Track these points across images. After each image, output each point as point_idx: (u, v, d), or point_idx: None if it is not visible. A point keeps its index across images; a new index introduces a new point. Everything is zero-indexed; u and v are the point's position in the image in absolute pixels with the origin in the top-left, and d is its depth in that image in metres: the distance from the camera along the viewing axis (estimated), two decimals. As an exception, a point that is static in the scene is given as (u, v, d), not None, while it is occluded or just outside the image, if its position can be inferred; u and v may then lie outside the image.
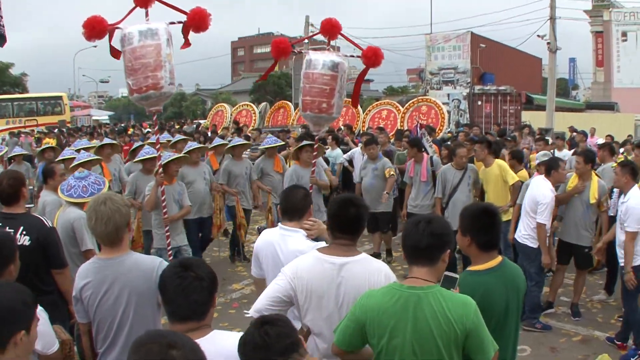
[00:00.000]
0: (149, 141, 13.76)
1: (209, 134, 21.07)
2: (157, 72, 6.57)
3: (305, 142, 10.44)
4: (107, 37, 6.70)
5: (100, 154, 10.54)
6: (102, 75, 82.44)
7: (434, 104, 25.47)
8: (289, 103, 30.92)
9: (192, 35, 6.87)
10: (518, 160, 10.37)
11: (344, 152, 14.55)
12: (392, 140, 15.37)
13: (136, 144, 13.42)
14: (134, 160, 10.57)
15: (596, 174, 8.76)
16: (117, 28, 6.66)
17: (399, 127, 22.37)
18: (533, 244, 8.07)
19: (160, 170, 7.84)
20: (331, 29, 7.36)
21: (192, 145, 10.48)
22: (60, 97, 45.31)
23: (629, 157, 10.98)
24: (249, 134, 18.47)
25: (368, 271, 3.87)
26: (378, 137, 12.92)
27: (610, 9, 47.17)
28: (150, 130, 30.18)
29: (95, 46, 60.67)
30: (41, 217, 5.61)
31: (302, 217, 4.74)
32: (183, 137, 13.29)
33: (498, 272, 3.88)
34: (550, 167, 8.24)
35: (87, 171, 6.77)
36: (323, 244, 4.32)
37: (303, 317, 3.97)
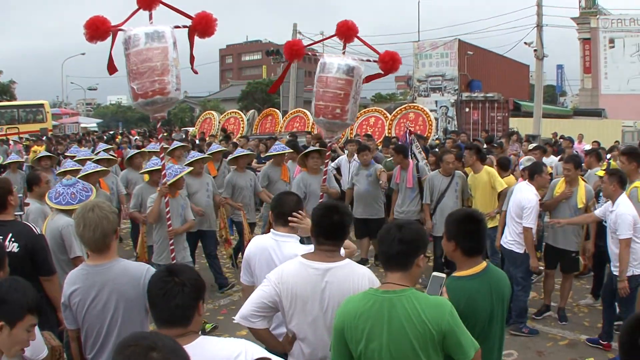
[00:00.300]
0: (149, 148, 13.56)
1: (197, 141, 21.03)
2: (164, 76, 6.27)
3: (311, 148, 10.17)
4: (101, 41, 6.27)
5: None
6: (90, 83, 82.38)
7: (421, 111, 25.49)
8: (277, 111, 30.88)
9: (185, 43, 6.71)
10: (503, 167, 10.44)
11: (332, 159, 14.54)
12: (379, 147, 15.43)
13: (131, 152, 13.15)
14: (141, 172, 10.31)
15: (582, 179, 8.84)
16: (120, 30, 6.32)
17: (386, 134, 22.43)
18: (519, 249, 8.12)
19: (165, 180, 7.53)
20: (347, 31, 6.99)
21: (194, 155, 10.19)
22: (42, 105, 44.56)
23: (615, 164, 11.04)
24: (237, 142, 18.43)
25: (352, 276, 3.91)
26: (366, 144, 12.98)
27: (597, 15, 47.58)
28: (138, 137, 30.14)
29: (83, 54, 60.84)
30: (30, 224, 5.63)
31: None
32: (182, 144, 13.07)
33: (483, 278, 3.90)
34: (534, 172, 8.31)
35: (74, 178, 6.76)
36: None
37: (288, 323, 4.00)
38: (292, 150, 12.20)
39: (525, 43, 33.39)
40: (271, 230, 4.84)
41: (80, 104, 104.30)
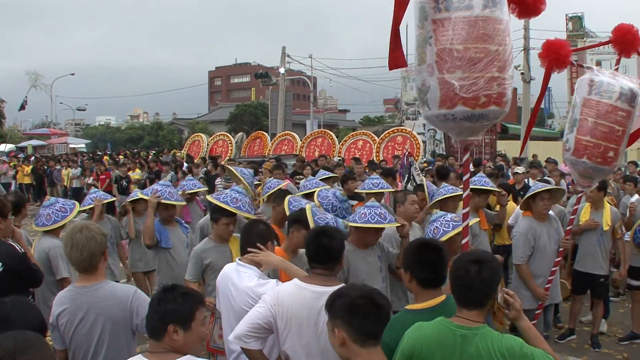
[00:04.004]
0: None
1: (184, 164, 20.94)
2: (504, 72, 4.04)
3: (542, 187, 7.25)
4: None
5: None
6: (79, 103, 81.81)
7: (409, 134, 25.66)
8: (265, 133, 31.05)
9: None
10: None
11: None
12: (367, 171, 15.44)
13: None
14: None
15: (607, 201, 8.76)
16: None
17: (373, 158, 22.53)
18: None
19: None
20: (632, 39, 5.50)
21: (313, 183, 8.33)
22: None
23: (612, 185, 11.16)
24: (225, 165, 18.34)
25: None
26: (354, 167, 13.07)
27: (584, 38, 47.91)
28: (124, 159, 29.45)
29: (72, 74, 60.63)
30: (14, 244, 5.62)
31: None
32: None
33: (437, 312, 3.57)
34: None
35: (53, 199, 6.86)
36: (272, 282, 4.40)
37: (282, 344, 4.00)
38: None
39: (512, 66, 33.58)
40: (237, 259, 4.79)
41: (68, 124, 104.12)
